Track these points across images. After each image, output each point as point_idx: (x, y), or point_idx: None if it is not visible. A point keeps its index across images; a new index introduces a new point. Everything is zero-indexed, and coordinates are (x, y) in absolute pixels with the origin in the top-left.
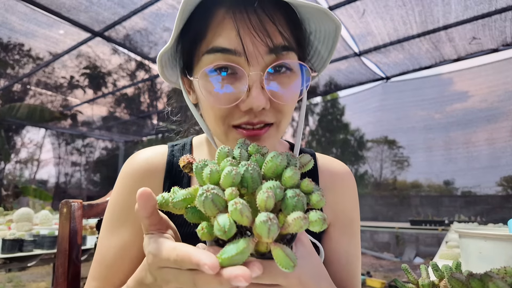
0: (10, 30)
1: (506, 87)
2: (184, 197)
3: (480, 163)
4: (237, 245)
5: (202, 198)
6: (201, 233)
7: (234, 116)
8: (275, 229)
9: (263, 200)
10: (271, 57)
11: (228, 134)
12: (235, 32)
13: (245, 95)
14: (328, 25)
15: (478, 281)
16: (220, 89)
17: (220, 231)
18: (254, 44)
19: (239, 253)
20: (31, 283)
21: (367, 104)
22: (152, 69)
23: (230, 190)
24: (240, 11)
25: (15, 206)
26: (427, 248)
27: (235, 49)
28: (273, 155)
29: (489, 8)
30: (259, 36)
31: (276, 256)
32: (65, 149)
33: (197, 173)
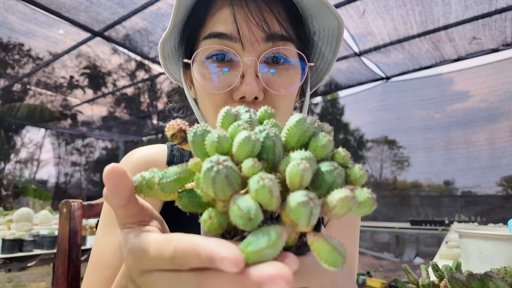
0: (10, 30)
1: (506, 87)
2: (178, 176)
3: (480, 163)
4: (268, 234)
5: (211, 173)
6: (209, 224)
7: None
8: (317, 212)
9: (298, 173)
10: (268, 45)
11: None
12: (232, 17)
13: (239, 81)
14: (331, 22)
15: (478, 281)
16: (214, 74)
17: (243, 218)
18: (250, 29)
19: (271, 245)
20: (31, 283)
21: (367, 104)
22: (152, 69)
23: (251, 162)
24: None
25: (15, 206)
26: (427, 248)
27: (230, 33)
28: (298, 118)
29: (489, 8)
30: (255, 21)
31: (320, 250)
32: (65, 149)
33: (195, 142)
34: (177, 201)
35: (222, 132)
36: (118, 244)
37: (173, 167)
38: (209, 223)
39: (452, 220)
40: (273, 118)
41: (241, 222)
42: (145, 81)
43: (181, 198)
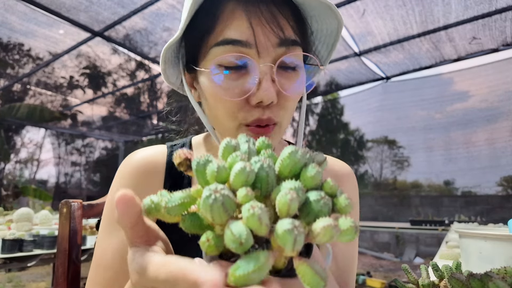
0: (10, 30)
1: (506, 87)
2: (182, 201)
3: (480, 163)
4: (255, 259)
5: (209, 200)
6: (207, 246)
7: (244, 113)
8: (301, 239)
9: (285, 203)
10: (281, 50)
11: (238, 131)
12: (246, 23)
13: (255, 87)
14: (331, 23)
15: (478, 281)
16: (231, 81)
17: (235, 242)
18: (265, 35)
19: (257, 269)
20: (31, 283)
21: (367, 104)
22: (152, 69)
23: (244, 191)
24: (251, 4)
25: (15, 206)
26: (427, 248)
27: (246, 40)
28: (291, 150)
29: (489, 8)
30: (271, 28)
31: (304, 274)
32: (65, 149)
33: (198, 171)
34: (180, 223)
35: (221, 163)
36: (118, 246)
37: (178, 192)
38: (206, 245)
39: (452, 220)
40: (270, 149)
41: (233, 246)
42: (145, 81)
43: (184, 221)
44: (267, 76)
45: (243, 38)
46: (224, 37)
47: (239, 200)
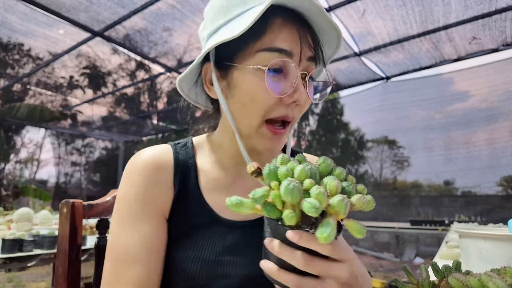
0: (10, 30)
1: (506, 87)
2: (263, 193)
3: (480, 163)
4: (328, 223)
5: (290, 186)
6: (290, 217)
7: (275, 109)
8: (349, 205)
9: (335, 185)
10: (310, 63)
11: (260, 127)
12: (297, 37)
13: (292, 89)
14: (333, 51)
15: (478, 281)
16: (275, 81)
17: (312, 208)
18: (304, 50)
19: (333, 229)
20: (31, 283)
21: (367, 104)
22: (152, 69)
23: (309, 180)
24: (297, 23)
25: (15, 206)
26: (427, 248)
27: (291, 50)
28: (323, 159)
29: (489, 8)
30: (307, 44)
31: (353, 226)
32: (65, 149)
33: (270, 174)
34: (262, 209)
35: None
36: (143, 240)
37: (259, 189)
38: (290, 216)
39: (452, 220)
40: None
41: (312, 211)
42: (145, 81)
43: (265, 207)
44: (301, 81)
45: (289, 48)
46: (273, 45)
47: (306, 186)
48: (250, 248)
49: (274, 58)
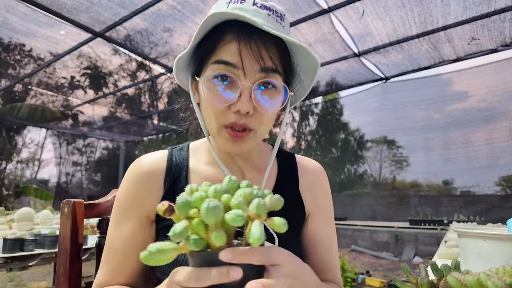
0: (11, 30)
1: (505, 87)
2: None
3: (479, 163)
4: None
5: (211, 205)
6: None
7: (225, 116)
8: (266, 206)
9: (249, 193)
10: (262, 75)
11: (220, 131)
12: (237, 51)
13: (236, 99)
14: (311, 61)
15: (477, 280)
16: (219, 91)
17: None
18: (250, 63)
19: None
20: (32, 282)
21: (367, 104)
22: (153, 70)
23: (226, 195)
24: (244, 38)
25: (16, 205)
26: (426, 248)
27: (235, 63)
28: (228, 179)
29: (488, 8)
30: (254, 56)
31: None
32: (66, 149)
33: (183, 206)
34: (186, 244)
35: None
36: (126, 235)
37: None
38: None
39: (451, 220)
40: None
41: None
42: (145, 81)
43: (189, 241)
44: (246, 92)
45: (233, 61)
46: (220, 58)
47: (224, 202)
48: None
49: (221, 70)
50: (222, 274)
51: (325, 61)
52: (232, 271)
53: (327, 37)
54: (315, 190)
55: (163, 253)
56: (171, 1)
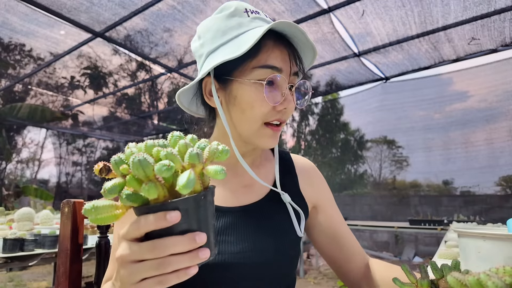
0: (11, 30)
1: (505, 87)
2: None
3: (479, 163)
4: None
5: (136, 159)
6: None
7: (271, 114)
8: (202, 154)
9: (184, 144)
10: (295, 78)
11: (260, 129)
12: (287, 57)
13: (282, 99)
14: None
15: (477, 280)
16: (268, 93)
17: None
18: (289, 66)
19: (190, 176)
20: (32, 282)
21: (367, 104)
22: (153, 70)
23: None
24: (282, 45)
25: (16, 205)
26: (426, 248)
27: (281, 67)
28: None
29: (488, 8)
30: (294, 61)
31: (209, 170)
32: (66, 149)
33: (117, 163)
34: (122, 200)
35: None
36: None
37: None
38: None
39: (451, 220)
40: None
41: (164, 169)
42: (145, 81)
43: (125, 197)
44: (290, 93)
45: (280, 65)
46: (267, 63)
47: (155, 155)
48: (240, 228)
49: (268, 74)
50: (159, 218)
51: (325, 61)
52: (170, 214)
53: (327, 37)
54: (315, 185)
55: (98, 210)
56: (171, 1)
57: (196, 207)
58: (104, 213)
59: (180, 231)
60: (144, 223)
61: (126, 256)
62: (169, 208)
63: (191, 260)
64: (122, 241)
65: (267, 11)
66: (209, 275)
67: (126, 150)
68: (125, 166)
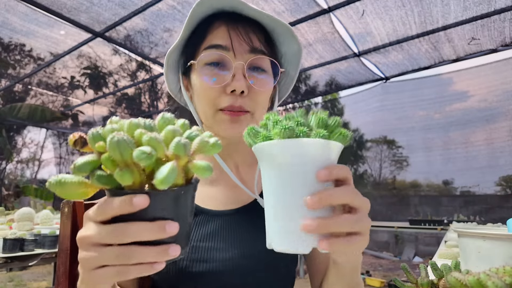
0: (11, 30)
1: (505, 87)
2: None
3: (479, 163)
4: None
5: (115, 139)
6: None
7: (221, 99)
8: (189, 146)
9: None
10: (251, 55)
11: (215, 116)
12: (226, 33)
13: (230, 79)
14: (293, 47)
15: (477, 280)
16: (213, 74)
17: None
18: (240, 43)
19: (170, 170)
20: (32, 282)
21: (367, 104)
22: (153, 70)
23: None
24: (232, 22)
25: (16, 205)
26: (426, 248)
27: (226, 45)
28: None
29: (488, 8)
30: (243, 38)
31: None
32: (66, 149)
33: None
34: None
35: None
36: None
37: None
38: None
39: (451, 220)
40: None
41: (143, 157)
42: (145, 81)
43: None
44: (239, 72)
45: (224, 43)
46: (211, 43)
47: (136, 138)
48: (230, 233)
49: (214, 55)
50: (125, 202)
51: (325, 61)
52: (136, 198)
53: (327, 37)
54: None
55: (64, 186)
56: (171, 1)
57: (173, 202)
58: (70, 190)
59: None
60: (109, 206)
61: (87, 238)
62: None
63: (158, 254)
64: (87, 221)
65: (267, 11)
66: (197, 285)
67: (107, 124)
68: (102, 143)
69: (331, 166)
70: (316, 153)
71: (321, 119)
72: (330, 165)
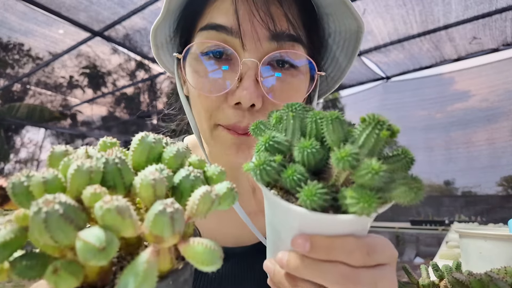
0: (10, 29)
1: (507, 86)
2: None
3: (480, 163)
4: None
5: (41, 216)
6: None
7: (222, 112)
8: (179, 217)
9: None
10: (272, 46)
11: (213, 131)
12: (233, 7)
13: (235, 84)
14: (350, 24)
15: (478, 281)
16: (209, 73)
17: (90, 252)
18: (253, 25)
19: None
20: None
21: (368, 103)
22: (152, 69)
23: (91, 189)
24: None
25: None
26: (427, 248)
27: (231, 27)
28: (140, 136)
29: (489, 8)
30: (259, 15)
31: (193, 255)
32: None
33: (16, 194)
34: (11, 272)
35: (49, 171)
36: None
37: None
38: (54, 279)
39: (452, 220)
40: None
41: (89, 257)
42: (144, 81)
43: (15, 266)
44: (250, 72)
45: (227, 24)
46: (209, 21)
47: (87, 203)
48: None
49: (209, 39)
50: None
51: None
52: None
53: None
54: None
55: None
56: None
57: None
58: None
59: None
60: None
61: None
62: None
63: None
64: None
65: None
66: None
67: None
68: (23, 213)
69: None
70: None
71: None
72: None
